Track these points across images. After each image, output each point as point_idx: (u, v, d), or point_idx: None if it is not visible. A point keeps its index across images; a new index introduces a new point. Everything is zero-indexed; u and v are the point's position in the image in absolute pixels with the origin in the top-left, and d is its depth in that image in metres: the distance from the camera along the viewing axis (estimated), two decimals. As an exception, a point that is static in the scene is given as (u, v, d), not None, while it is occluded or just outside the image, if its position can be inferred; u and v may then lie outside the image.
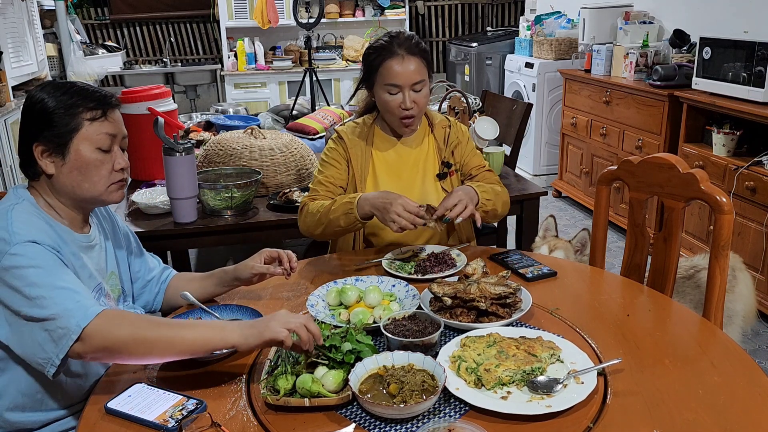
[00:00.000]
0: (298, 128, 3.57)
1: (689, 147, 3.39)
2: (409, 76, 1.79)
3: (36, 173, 1.35)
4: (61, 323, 1.17)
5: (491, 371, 1.17)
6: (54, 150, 1.31)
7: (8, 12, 4.46)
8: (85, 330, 1.16)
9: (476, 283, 1.44)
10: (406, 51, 1.80)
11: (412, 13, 7.04)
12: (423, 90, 1.83)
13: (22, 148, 1.34)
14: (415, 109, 1.82)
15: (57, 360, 1.18)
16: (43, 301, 1.18)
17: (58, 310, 1.18)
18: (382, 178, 1.93)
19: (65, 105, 1.30)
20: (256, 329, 1.20)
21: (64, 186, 1.34)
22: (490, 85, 5.80)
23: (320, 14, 4.84)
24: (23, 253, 1.21)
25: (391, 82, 1.79)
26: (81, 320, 1.17)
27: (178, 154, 2.13)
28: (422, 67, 1.82)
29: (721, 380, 1.20)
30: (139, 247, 1.64)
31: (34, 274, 1.20)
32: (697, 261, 2.29)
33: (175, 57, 7.01)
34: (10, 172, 3.88)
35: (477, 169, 1.98)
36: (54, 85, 1.34)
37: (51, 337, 1.18)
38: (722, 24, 3.75)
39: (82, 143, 1.32)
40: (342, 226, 1.75)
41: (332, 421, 1.11)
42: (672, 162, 1.74)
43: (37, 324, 1.19)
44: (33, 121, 1.31)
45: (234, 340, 1.19)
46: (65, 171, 1.32)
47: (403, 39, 1.82)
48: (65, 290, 1.21)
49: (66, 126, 1.30)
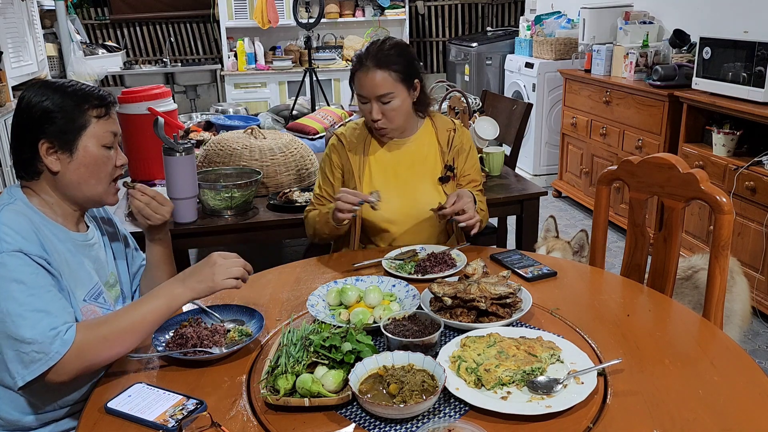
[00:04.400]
0: (298, 128, 3.57)
1: (689, 147, 3.39)
2: (372, 89, 1.81)
3: (35, 172, 1.34)
4: (38, 348, 1.18)
5: (491, 371, 1.17)
6: (61, 147, 1.32)
7: (8, 12, 4.46)
8: (62, 358, 1.18)
9: (476, 283, 1.44)
10: (374, 63, 1.80)
11: (412, 13, 7.04)
12: (392, 102, 1.83)
13: (21, 148, 1.34)
14: (383, 120, 1.85)
15: (21, 382, 1.19)
16: (20, 320, 1.19)
17: (35, 335, 1.18)
18: (377, 178, 1.94)
19: (73, 102, 1.32)
20: (205, 284, 1.31)
21: (69, 183, 1.35)
22: (490, 85, 5.80)
23: (320, 14, 4.84)
24: (7, 263, 1.21)
25: (359, 92, 1.85)
26: (60, 348, 1.18)
27: (178, 154, 2.13)
28: (389, 80, 1.81)
29: (721, 380, 1.20)
30: (137, 248, 1.64)
31: (16, 289, 1.20)
32: (695, 261, 2.28)
33: (175, 57, 7.00)
34: (10, 172, 3.88)
35: (472, 186, 1.99)
36: (50, 84, 1.35)
37: (20, 359, 1.19)
38: (722, 24, 3.75)
39: (90, 140, 1.34)
40: (327, 233, 1.90)
41: (332, 421, 1.11)
42: (672, 162, 1.74)
43: (8, 341, 1.19)
44: (36, 119, 1.31)
45: (187, 297, 1.31)
46: (72, 168, 1.34)
47: (375, 50, 1.82)
48: (44, 313, 1.20)
49: (74, 123, 1.32)
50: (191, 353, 1.30)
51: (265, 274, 1.75)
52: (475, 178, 2.02)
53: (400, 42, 1.89)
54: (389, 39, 1.88)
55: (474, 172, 2.02)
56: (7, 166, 3.87)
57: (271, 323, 1.46)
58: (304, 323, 1.37)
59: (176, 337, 1.34)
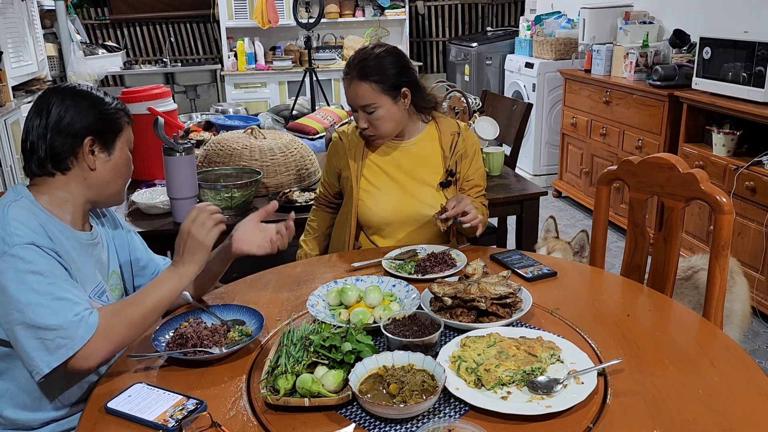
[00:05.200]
0: (298, 128, 3.57)
1: (689, 147, 3.39)
2: (354, 100, 1.84)
3: (64, 167, 1.35)
4: (63, 334, 1.20)
5: (491, 371, 1.17)
6: (103, 146, 1.39)
7: (8, 12, 4.46)
8: (89, 342, 1.21)
9: (476, 283, 1.43)
10: (357, 75, 1.80)
11: (412, 13, 7.04)
12: (376, 112, 1.82)
13: (61, 141, 1.33)
14: (370, 129, 1.86)
15: (46, 369, 1.20)
16: (42, 309, 1.20)
17: (59, 321, 1.20)
18: (376, 181, 1.94)
19: (113, 108, 1.41)
20: (198, 252, 1.38)
21: (101, 180, 1.40)
22: (490, 85, 5.80)
23: (320, 14, 4.84)
24: (23, 256, 1.22)
25: (347, 101, 1.88)
26: (85, 332, 1.21)
27: (178, 154, 2.13)
28: (370, 92, 1.80)
29: (721, 380, 1.20)
30: (143, 244, 1.64)
31: (34, 280, 1.21)
32: (695, 261, 2.28)
33: (175, 57, 7.01)
34: (10, 172, 3.88)
35: (475, 192, 1.98)
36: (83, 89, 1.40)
37: (45, 346, 1.20)
38: (722, 24, 3.75)
39: (124, 144, 1.44)
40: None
41: (332, 421, 1.11)
42: (672, 162, 1.74)
43: (30, 330, 1.20)
44: (87, 116, 1.35)
45: (194, 271, 1.39)
46: (108, 167, 1.40)
47: (358, 61, 1.81)
48: (65, 301, 1.22)
49: (117, 125, 1.41)
50: (191, 353, 1.30)
51: (265, 274, 1.75)
52: (479, 183, 2.00)
53: (388, 50, 1.85)
54: (378, 47, 1.85)
55: (478, 177, 1.99)
56: (7, 166, 3.86)
57: (271, 323, 1.46)
58: (304, 323, 1.37)
59: (176, 337, 1.34)
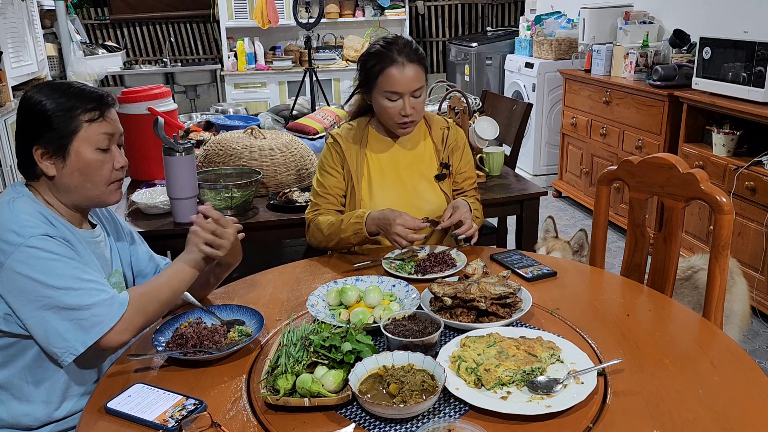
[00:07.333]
0: (298, 128, 3.56)
1: (689, 147, 3.39)
2: (409, 84, 1.81)
3: (36, 174, 1.36)
4: (97, 311, 1.24)
5: (491, 371, 1.17)
6: (54, 152, 1.32)
7: (8, 12, 4.46)
8: (122, 318, 1.27)
9: (476, 283, 1.44)
10: (406, 58, 1.81)
11: (412, 13, 7.04)
12: (422, 95, 1.86)
13: (21, 150, 1.35)
14: (414, 114, 1.85)
15: (81, 348, 1.24)
16: (73, 291, 1.24)
17: (93, 300, 1.25)
18: (377, 179, 1.94)
19: (64, 107, 1.31)
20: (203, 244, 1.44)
21: (66, 187, 1.35)
22: (490, 85, 5.80)
23: (320, 14, 4.84)
24: (41, 245, 1.24)
25: (392, 89, 1.81)
26: (119, 309, 1.26)
27: (178, 154, 2.13)
28: (421, 74, 1.83)
29: (721, 380, 1.20)
30: (143, 242, 1.65)
31: (57, 267, 1.24)
32: (695, 261, 2.28)
33: (175, 57, 7.00)
34: (10, 172, 3.88)
35: (468, 184, 2.01)
36: (51, 86, 1.35)
37: (80, 326, 1.24)
38: (722, 24, 3.75)
39: (82, 145, 1.33)
40: (353, 242, 1.84)
41: (332, 421, 1.11)
42: (672, 162, 1.74)
43: (62, 313, 1.23)
44: (31, 124, 1.32)
45: (200, 256, 1.44)
46: (66, 173, 1.34)
47: (402, 45, 1.83)
48: (92, 282, 1.27)
49: (65, 128, 1.31)
50: (191, 353, 1.30)
51: (265, 274, 1.75)
52: (471, 174, 2.04)
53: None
54: (399, 37, 1.88)
55: (469, 169, 2.04)
56: (7, 166, 3.86)
57: (271, 323, 1.46)
58: (304, 323, 1.37)
59: (176, 337, 1.34)
